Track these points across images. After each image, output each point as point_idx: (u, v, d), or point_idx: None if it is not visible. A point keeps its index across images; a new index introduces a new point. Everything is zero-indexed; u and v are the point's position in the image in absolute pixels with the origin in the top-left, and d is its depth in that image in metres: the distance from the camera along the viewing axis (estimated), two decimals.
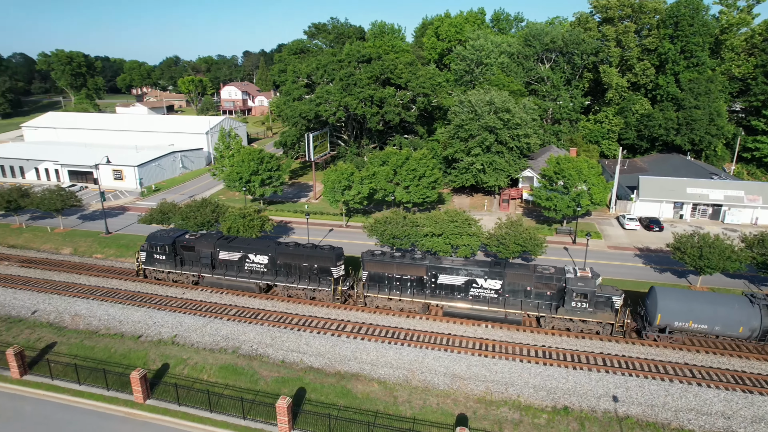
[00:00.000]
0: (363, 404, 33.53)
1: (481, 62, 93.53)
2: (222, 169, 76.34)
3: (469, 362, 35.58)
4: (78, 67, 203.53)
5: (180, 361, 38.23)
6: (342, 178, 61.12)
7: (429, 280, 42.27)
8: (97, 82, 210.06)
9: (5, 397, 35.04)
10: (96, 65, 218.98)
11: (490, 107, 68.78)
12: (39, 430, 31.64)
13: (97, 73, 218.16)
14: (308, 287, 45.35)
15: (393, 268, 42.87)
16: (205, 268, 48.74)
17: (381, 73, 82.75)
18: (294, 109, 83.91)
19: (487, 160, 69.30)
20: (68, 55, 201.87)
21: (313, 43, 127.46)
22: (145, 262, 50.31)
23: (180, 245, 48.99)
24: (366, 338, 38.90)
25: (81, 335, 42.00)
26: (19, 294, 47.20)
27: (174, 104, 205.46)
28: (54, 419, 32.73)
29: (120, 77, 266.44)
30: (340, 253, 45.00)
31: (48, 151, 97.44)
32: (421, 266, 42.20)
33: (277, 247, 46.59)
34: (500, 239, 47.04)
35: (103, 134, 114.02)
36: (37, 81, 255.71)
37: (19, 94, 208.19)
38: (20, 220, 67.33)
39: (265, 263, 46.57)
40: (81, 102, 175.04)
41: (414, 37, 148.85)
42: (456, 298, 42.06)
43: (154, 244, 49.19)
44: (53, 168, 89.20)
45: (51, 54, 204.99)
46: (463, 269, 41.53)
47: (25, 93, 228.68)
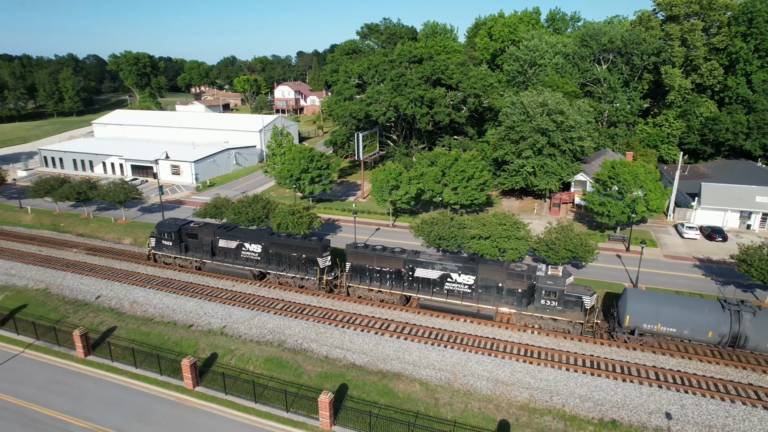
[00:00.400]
0: (404, 404, 33.58)
1: (534, 63, 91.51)
2: (273, 166, 78.31)
3: (513, 368, 34.94)
4: (143, 67, 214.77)
5: (228, 351, 39.57)
6: (390, 177, 61.36)
7: (407, 273, 43.47)
8: (159, 82, 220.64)
9: (71, 375, 37.44)
10: (159, 65, 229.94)
11: (543, 109, 67.18)
12: (100, 408, 33.60)
13: (160, 72, 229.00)
14: (297, 276, 47.33)
15: (374, 261, 44.35)
16: (206, 255, 51.46)
17: (432, 74, 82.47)
18: (345, 109, 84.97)
19: (539, 163, 67.72)
20: (135, 56, 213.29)
21: (365, 43, 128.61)
22: (155, 248, 53.83)
23: (185, 233, 52.21)
24: (409, 338, 38.91)
25: (138, 321, 44.24)
26: (85, 279, 50.25)
27: (230, 103, 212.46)
28: (113, 399, 34.65)
29: (180, 77, 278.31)
30: (327, 245, 46.87)
31: (114, 146, 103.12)
32: (399, 259, 43.48)
33: (269, 237, 48.68)
34: (550, 244, 45.90)
35: (164, 131, 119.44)
36: (107, 80, 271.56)
37: (91, 93, 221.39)
38: (88, 210, 71.58)
39: (259, 252, 48.83)
40: (145, 100, 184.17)
41: (466, 38, 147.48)
42: (432, 291, 42.92)
43: (163, 231, 52.59)
44: (118, 162, 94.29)
45: (120, 55, 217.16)
46: (439, 264, 42.37)
47: (96, 92, 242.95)
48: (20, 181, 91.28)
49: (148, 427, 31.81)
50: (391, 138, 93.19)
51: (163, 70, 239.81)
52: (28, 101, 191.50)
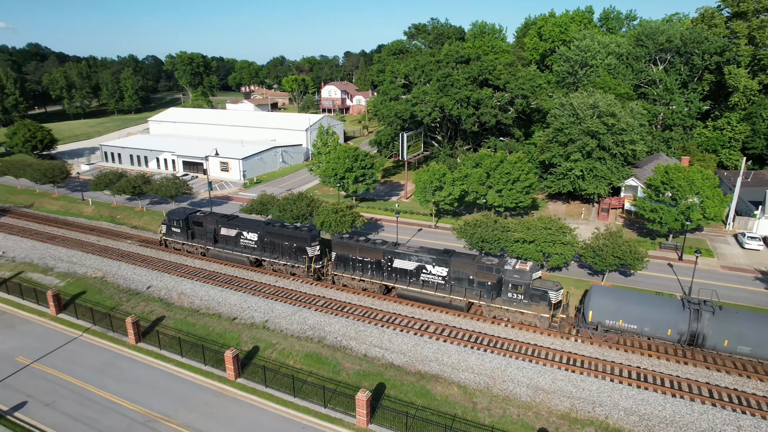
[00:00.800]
0: (441, 406, 33.34)
1: (585, 63, 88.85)
2: (319, 165, 79.44)
3: (555, 376, 34.04)
4: (197, 66, 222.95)
5: (269, 345, 40.44)
6: (434, 178, 61.04)
7: (386, 263, 45.38)
8: (211, 81, 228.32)
9: (123, 360, 39.29)
10: (212, 65, 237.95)
11: (594, 111, 65.11)
12: (148, 393, 35.09)
13: (212, 72, 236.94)
14: (288, 263, 50.14)
15: (356, 251, 46.49)
16: (210, 242, 54.99)
17: (479, 74, 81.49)
18: (390, 109, 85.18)
19: (587, 167, 65.67)
20: (189, 56, 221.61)
21: (413, 44, 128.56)
22: (166, 234, 57.87)
23: (192, 221, 55.97)
24: (449, 340, 38.60)
25: (185, 312, 45.89)
26: (137, 270, 52.59)
27: (278, 102, 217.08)
28: (160, 384, 36.10)
29: (231, 76, 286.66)
30: (316, 235, 49.44)
31: (167, 143, 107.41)
32: (379, 250, 45.46)
33: (265, 226, 51.51)
34: (597, 250, 44.46)
35: (214, 129, 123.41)
36: (163, 80, 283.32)
37: (149, 91, 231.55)
38: (142, 203, 74.87)
39: (255, 240, 51.86)
40: (197, 99, 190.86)
41: (515, 38, 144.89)
42: (409, 281, 44.65)
43: (172, 219, 56.51)
44: (171, 158, 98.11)
45: (176, 56, 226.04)
46: (415, 255, 44.01)
47: (153, 91, 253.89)
48: (83, 174, 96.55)
49: (192, 414, 32.94)
50: (435, 138, 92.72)
51: (215, 70, 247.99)
52: (92, 100, 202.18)
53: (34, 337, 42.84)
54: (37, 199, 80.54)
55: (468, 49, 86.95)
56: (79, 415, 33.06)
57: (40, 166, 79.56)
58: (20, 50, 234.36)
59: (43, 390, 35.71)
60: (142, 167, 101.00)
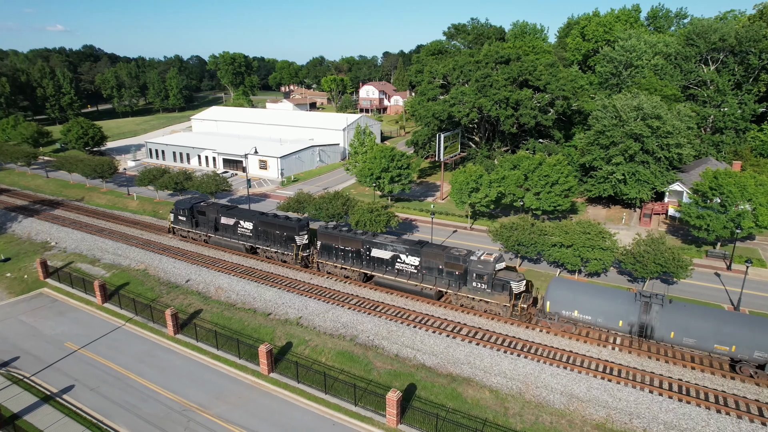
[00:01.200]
0: (472, 410, 32.99)
1: (630, 64, 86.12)
2: (355, 164, 79.95)
3: (590, 384, 33.14)
4: (238, 66, 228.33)
5: (302, 341, 40.97)
6: (470, 179, 60.47)
7: (365, 252, 47.69)
8: (252, 80, 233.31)
9: (162, 350, 40.63)
10: (253, 65, 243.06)
11: (638, 113, 63.04)
12: (185, 383, 36.16)
13: (254, 72, 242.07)
14: (279, 251, 53.19)
15: (339, 240, 48.93)
16: (211, 230, 58.36)
17: (519, 75, 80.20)
18: (427, 109, 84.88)
19: (630, 170, 63.64)
20: (232, 56, 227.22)
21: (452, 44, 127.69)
22: (173, 222, 61.68)
23: (196, 210, 59.40)
24: (481, 344, 38.15)
25: (221, 306, 47.02)
26: (177, 263, 54.24)
27: (316, 101, 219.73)
28: (196, 375, 37.13)
29: (271, 76, 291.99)
30: (304, 224, 52.04)
31: (208, 140, 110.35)
32: (358, 240, 47.79)
33: (259, 216, 54.94)
34: (638, 257, 43.04)
35: (254, 127, 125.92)
36: (206, 79, 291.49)
37: (192, 90, 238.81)
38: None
39: (251, 228, 55.06)
40: (238, 98, 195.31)
41: (557, 38, 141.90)
42: (385, 270, 46.99)
43: (179, 208, 60.29)
44: (212, 156, 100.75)
45: (219, 56, 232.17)
46: (390, 245, 46.24)
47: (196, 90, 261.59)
48: (129, 170, 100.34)
49: (225, 406, 33.72)
50: (473, 139, 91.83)
51: (256, 70, 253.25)
52: (139, 98, 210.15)
53: (81, 325, 44.85)
54: (87, 193, 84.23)
55: (508, 50, 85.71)
56: (121, 401, 34.39)
57: (90, 162, 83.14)
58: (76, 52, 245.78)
59: (89, 375, 37.31)
60: (185, 164, 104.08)
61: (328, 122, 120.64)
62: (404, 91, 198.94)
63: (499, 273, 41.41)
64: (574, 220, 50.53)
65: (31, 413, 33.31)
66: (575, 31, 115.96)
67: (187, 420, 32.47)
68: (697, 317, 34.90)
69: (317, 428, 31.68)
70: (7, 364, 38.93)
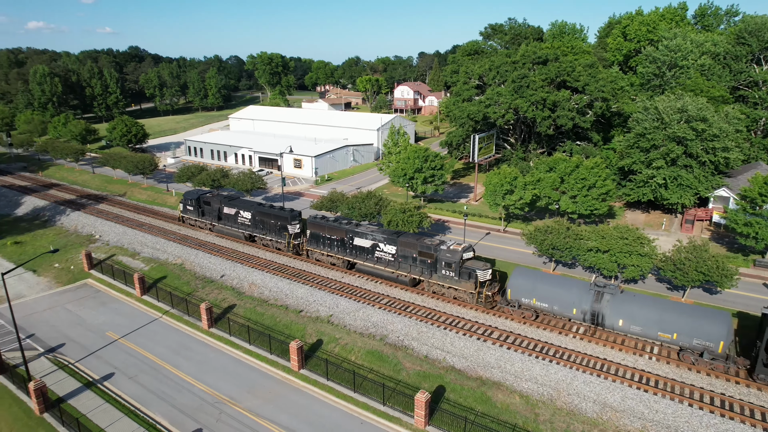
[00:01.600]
0: (501, 414, 32.57)
1: (675, 64, 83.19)
2: (388, 164, 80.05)
3: (625, 394, 32.19)
4: (276, 66, 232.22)
5: (332, 339, 41.31)
6: (504, 181, 59.65)
7: (348, 241, 50.68)
8: (288, 80, 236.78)
9: (196, 343, 41.70)
10: (290, 65, 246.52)
11: (681, 115, 60.82)
12: (217, 376, 37.01)
13: (290, 72, 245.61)
14: (273, 239, 56.85)
15: (325, 230, 52.19)
16: (215, 219, 62.51)
17: (557, 75, 78.66)
18: (462, 110, 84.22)
19: (671, 175, 61.48)
20: (269, 57, 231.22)
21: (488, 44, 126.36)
22: (183, 212, 66.61)
23: (202, 200, 64.01)
24: (512, 348, 37.61)
25: (254, 302, 47.89)
26: (213, 259, 55.57)
27: (351, 101, 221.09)
28: (229, 369, 37.95)
29: (308, 76, 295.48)
30: (296, 215, 55.75)
31: (245, 139, 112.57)
32: (342, 229, 50.98)
33: (257, 206, 58.77)
34: (678, 264, 41.54)
35: (289, 126, 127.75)
36: (244, 79, 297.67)
37: (230, 90, 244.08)
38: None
39: (249, 218, 58.79)
40: (275, 97, 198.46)
41: (597, 38, 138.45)
42: (366, 257, 49.89)
43: (187, 198, 65.29)
44: (248, 154, 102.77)
45: (257, 56, 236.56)
46: (370, 235, 49.19)
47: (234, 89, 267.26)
48: (169, 167, 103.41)
49: (256, 400, 34.33)
50: (508, 141, 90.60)
51: (293, 70, 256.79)
52: (180, 97, 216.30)
53: (121, 315, 46.52)
54: (129, 188, 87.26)
55: (546, 50, 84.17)
56: (157, 390, 35.48)
57: (133, 159, 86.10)
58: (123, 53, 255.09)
59: (128, 364, 38.66)
60: (222, 162, 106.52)
61: (362, 122, 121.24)
62: (439, 91, 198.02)
63: (466, 262, 43.72)
64: (612, 225, 49.19)
65: (74, 397, 34.78)
66: (616, 30, 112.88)
67: (219, 412, 33.23)
68: (643, 306, 36.72)
69: (345, 426, 31.89)
70: (54, 350, 40.78)
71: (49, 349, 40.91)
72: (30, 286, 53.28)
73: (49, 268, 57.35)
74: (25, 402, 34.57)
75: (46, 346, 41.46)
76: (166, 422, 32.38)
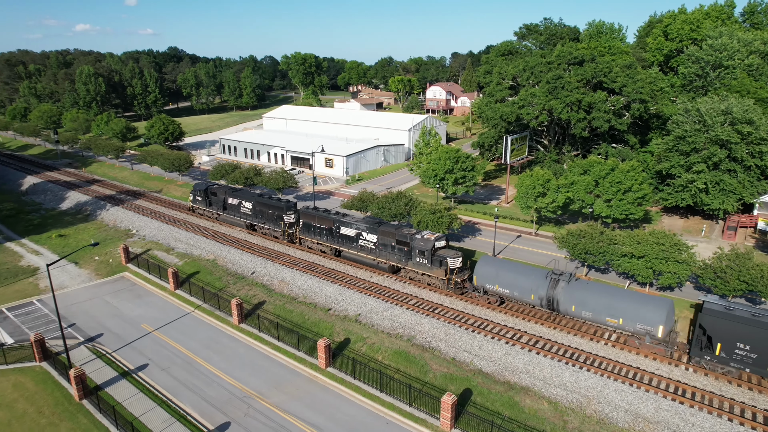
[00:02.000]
0: (529, 420, 32.06)
1: (720, 64, 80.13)
2: (419, 165, 79.86)
3: (659, 405, 31.20)
4: (309, 66, 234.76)
5: (360, 338, 41.48)
6: (537, 184, 58.71)
7: (336, 230, 54.06)
8: (321, 80, 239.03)
9: (227, 338, 42.54)
10: (323, 65, 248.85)
11: (725, 117, 58.59)
12: (246, 371, 37.67)
13: (323, 72, 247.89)
14: (270, 228, 60.93)
15: (316, 220, 55.94)
16: (221, 209, 66.90)
17: (593, 77, 76.90)
18: (495, 111, 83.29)
19: (713, 179, 59.26)
20: (303, 57, 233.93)
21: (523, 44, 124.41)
22: (193, 202, 71.48)
23: (209, 191, 68.51)
24: (542, 353, 36.98)
25: (284, 299, 48.53)
26: (244, 256, 56.58)
27: (383, 101, 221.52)
28: (257, 364, 38.57)
29: (340, 76, 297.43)
30: (291, 205, 59.79)
31: (277, 138, 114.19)
32: (330, 219, 54.65)
33: (257, 197, 62.88)
34: (719, 272, 40.03)
35: (321, 126, 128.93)
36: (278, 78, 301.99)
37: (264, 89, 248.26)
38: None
39: (250, 208, 62.69)
40: (307, 97, 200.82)
41: (636, 38, 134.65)
42: (351, 245, 53.13)
43: (196, 189, 70.27)
44: (280, 153, 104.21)
45: (291, 56, 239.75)
46: (354, 224, 52.57)
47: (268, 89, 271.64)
48: (203, 165, 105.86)
49: (283, 396, 34.78)
50: (541, 143, 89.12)
51: (326, 70, 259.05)
52: (215, 97, 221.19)
53: (155, 308, 47.88)
54: (165, 185, 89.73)
55: (582, 50, 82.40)
56: (188, 383, 36.36)
57: (169, 156, 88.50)
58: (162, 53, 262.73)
59: (161, 356, 39.76)
60: (255, 160, 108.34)
61: (393, 122, 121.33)
62: (472, 92, 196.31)
63: (438, 250, 46.58)
64: (647, 230, 47.76)
65: (111, 386, 36.01)
66: (657, 29, 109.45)
67: (247, 406, 33.81)
68: (593, 293, 38.74)
69: (371, 425, 31.97)
70: (93, 339, 42.33)
71: (88, 339, 42.47)
72: (72, 278, 55.41)
73: (89, 261, 59.52)
74: (65, 388, 35.99)
75: (86, 335, 43.05)
76: (196, 414, 33.16)
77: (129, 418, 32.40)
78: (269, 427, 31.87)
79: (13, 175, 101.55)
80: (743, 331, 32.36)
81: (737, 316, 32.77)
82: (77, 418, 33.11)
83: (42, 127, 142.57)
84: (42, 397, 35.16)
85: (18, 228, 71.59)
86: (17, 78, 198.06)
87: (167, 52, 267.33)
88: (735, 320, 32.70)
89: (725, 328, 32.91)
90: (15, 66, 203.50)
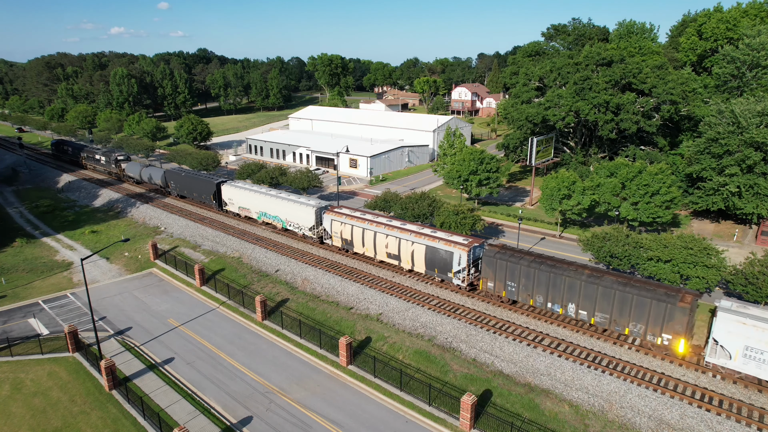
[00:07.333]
0: (549, 422, 31.81)
1: (757, 64, 77.74)
2: (443, 166, 79.80)
3: (684, 411, 30.58)
4: (335, 68, 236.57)
5: (381, 337, 41.76)
6: (562, 186, 58.10)
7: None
8: (347, 81, 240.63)
9: (250, 334, 43.36)
10: (349, 66, 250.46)
11: (762, 119, 56.92)
12: (268, 366, 38.35)
13: (349, 73, 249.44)
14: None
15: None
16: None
17: (621, 78, 75.57)
18: (521, 112, 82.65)
19: (747, 182, 57.62)
20: (329, 58, 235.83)
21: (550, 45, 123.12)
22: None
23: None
24: (563, 356, 36.60)
25: (307, 297, 49.16)
26: (268, 254, 57.50)
27: (408, 102, 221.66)
28: (280, 361, 39.23)
29: (366, 77, 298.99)
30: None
31: (303, 138, 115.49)
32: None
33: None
34: (750, 278, 38.97)
35: (346, 126, 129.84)
36: (304, 80, 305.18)
37: (291, 90, 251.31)
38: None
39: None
40: (333, 98, 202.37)
41: (668, 37, 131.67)
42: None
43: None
44: (305, 153, 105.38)
45: (317, 57, 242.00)
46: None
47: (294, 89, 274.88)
48: (230, 164, 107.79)
49: (304, 392, 35.30)
50: (567, 144, 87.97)
51: (352, 71, 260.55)
52: (243, 97, 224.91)
53: (182, 304, 49.09)
54: None
55: (611, 51, 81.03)
56: (212, 377, 37.23)
57: (197, 155, 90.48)
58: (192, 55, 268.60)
59: (187, 350, 40.79)
60: (280, 160, 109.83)
61: (418, 123, 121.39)
62: (498, 93, 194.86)
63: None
64: (675, 234, 46.78)
65: (139, 378, 37.13)
66: (691, 29, 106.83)
67: (269, 402, 34.43)
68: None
69: (390, 423, 32.20)
70: (122, 332, 43.70)
71: (118, 332, 43.86)
72: (103, 272, 57.23)
73: (120, 257, 61.36)
74: (96, 378, 37.27)
75: (116, 328, 44.46)
76: (219, 407, 33.94)
77: (156, 409, 33.38)
78: (290, 422, 32.42)
79: (50, 173, 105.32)
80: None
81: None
82: (107, 407, 34.27)
83: (78, 127, 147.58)
84: (74, 387, 36.49)
85: (54, 224, 74.29)
86: (56, 80, 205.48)
87: (197, 54, 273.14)
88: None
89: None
90: (54, 68, 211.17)
